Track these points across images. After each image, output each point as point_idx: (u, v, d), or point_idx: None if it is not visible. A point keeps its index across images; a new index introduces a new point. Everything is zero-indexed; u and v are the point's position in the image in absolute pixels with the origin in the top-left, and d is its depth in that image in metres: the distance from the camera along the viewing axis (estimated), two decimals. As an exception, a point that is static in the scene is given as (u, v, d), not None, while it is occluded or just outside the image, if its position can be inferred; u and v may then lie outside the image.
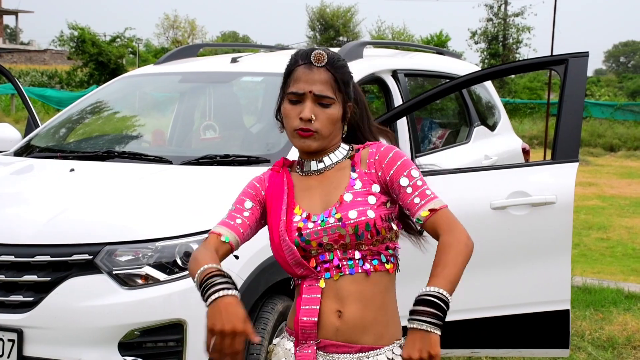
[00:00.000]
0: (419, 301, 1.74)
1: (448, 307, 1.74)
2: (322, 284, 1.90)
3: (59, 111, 10.57)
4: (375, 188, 1.93)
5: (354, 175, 1.95)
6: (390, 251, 1.94)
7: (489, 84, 5.95)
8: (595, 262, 7.54)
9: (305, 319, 1.90)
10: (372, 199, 1.91)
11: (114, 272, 2.94)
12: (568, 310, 3.53)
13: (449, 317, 1.77)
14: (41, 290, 2.97)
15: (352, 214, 1.88)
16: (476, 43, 35.21)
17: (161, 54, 33.96)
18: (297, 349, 1.92)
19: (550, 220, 3.50)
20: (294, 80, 1.93)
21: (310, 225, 1.90)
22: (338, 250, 1.90)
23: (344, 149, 2.00)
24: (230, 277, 1.76)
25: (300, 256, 1.90)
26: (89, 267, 2.96)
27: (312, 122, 1.90)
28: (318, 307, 1.89)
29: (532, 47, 36.98)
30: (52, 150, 4.18)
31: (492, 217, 3.53)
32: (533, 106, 27.12)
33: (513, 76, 32.09)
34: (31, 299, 2.97)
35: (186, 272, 2.97)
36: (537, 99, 29.62)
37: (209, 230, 1.93)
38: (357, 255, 1.90)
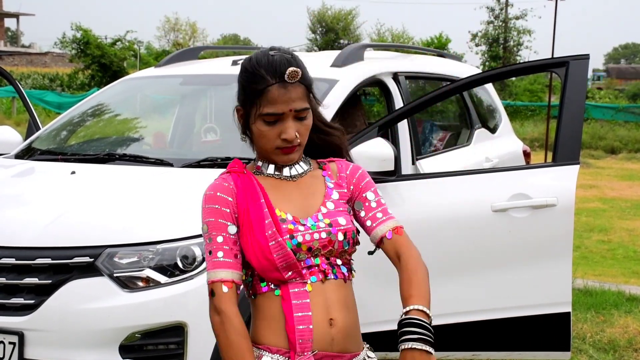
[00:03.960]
0: (412, 323, 1.71)
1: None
2: (309, 287, 1.83)
3: (59, 115, 10.59)
4: (344, 197, 1.94)
5: (330, 184, 1.93)
6: (351, 260, 1.94)
7: (489, 87, 5.95)
8: (597, 264, 7.53)
9: (302, 327, 1.80)
10: (349, 210, 1.93)
11: (114, 275, 2.94)
12: (569, 312, 3.52)
13: (451, 320, 1.78)
14: (42, 293, 2.97)
15: (342, 221, 1.87)
16: (477, 45, 35.26)
17: (162, 57, 34.00)
18: None
19: (551, 222, 3.49)
20: (269, 101, 1.81)
21: (301, 228, 1.84)
22: (322, 257, 1.86)
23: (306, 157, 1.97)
24: None
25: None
26: (90, 270, 2.96)
27: (295, 138, 1.83)
28: (310, 314, 1.81)
29: (533, 50, 37.08)
30: (53, 152, 4.18)
31: (493, 219, 3.53)
32: (534, 108, 27.14)
33: (514, 78, 32.09)
34: (32, 301, 2.97)
35: (187, 275, 2.98)
36: (538, 102, 29.62)
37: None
38: (339, 262, 1.88)
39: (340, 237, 1.86)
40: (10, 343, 2.95)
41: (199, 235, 3.03)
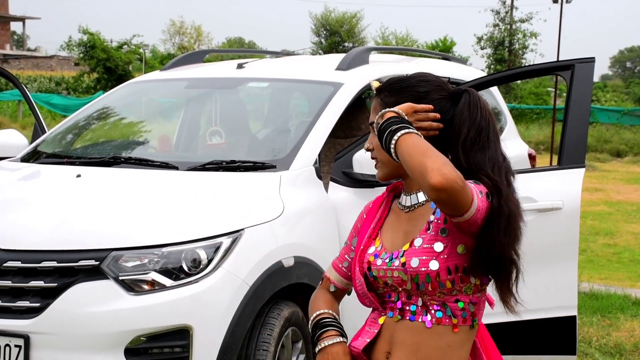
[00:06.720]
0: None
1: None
2: (381, 320, 1.90)
3: (65, 117, 10.64)
4: (444, 232, 1.81)
5: (432, 217, 1.84)
6: (461, 305, 1.83)
7: (495, 90, 5.93)
8: (602, 268, 7.51)
9: (354, 344, 1.94)
10: (438, 246, 1.80)
11: (120, 278, 2.94)
12: (575, 316, 3.52)
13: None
14: (48, 296, 2.97)
15: (414, 262, 1.81)
16: (482, 48, 35.21)
17: (167, 60, 33.99)
18: None
19: (557, 225, 3.49)
20: None
21: (379, 262, 1.89)
22: (402, 294, 1.86)
23: None
24: (341, 325, 1.97)
25: (372, 288, 1.92)
26: (95, 273, 2.96)
27: (372, 151, 1.94)
28: (369, 340, 1.90)
29: (539, 53, 37.03)
30: (59, 156, 4.19)
31: (498, 222, 3.51)
32: (539, 112, 27.12)
33: (519, 82, 32.06)
34: (38, 304, 2.97)
35: (192, 278, 2.98)
36: (543, 105, 29.61)
37: (215, 235, 1.94)
38: (419, 302, 1.85)
39: (412, 278, 1.82)
40: (16, 346, 2.95)
41: (205, 239, 3.05)
